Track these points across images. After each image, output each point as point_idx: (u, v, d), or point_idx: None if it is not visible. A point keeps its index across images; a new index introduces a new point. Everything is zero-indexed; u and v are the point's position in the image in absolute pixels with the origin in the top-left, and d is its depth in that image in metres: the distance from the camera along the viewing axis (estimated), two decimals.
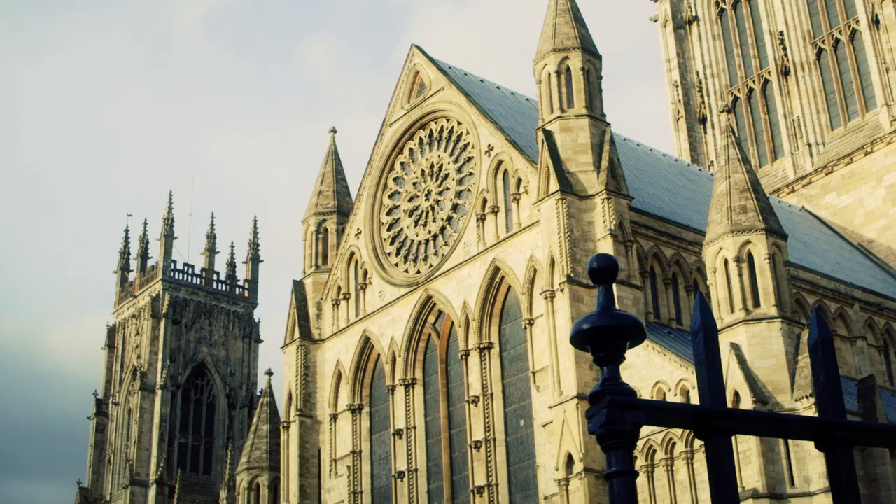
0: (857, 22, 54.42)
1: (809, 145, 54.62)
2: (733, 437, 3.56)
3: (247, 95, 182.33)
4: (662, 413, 3.54)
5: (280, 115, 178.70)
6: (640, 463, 33.50)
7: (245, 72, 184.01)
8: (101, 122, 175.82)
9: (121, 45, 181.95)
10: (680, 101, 60.37)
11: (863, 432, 3.53)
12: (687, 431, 32.72)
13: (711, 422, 3.41)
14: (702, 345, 3.51)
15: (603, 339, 3.52)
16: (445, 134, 43.75)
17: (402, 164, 45.30)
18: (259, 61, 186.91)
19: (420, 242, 43.40)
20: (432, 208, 43.26)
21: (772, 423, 3.82)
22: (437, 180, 43.44)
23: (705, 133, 59.58)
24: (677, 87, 60.70)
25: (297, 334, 45.55)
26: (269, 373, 50.46)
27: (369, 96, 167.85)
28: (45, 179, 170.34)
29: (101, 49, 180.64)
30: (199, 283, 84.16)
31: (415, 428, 41.22)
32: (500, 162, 40.65)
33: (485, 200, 40.69)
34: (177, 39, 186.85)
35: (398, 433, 41.49)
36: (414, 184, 44.43)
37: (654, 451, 33.44)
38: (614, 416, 3.37)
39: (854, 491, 3.41)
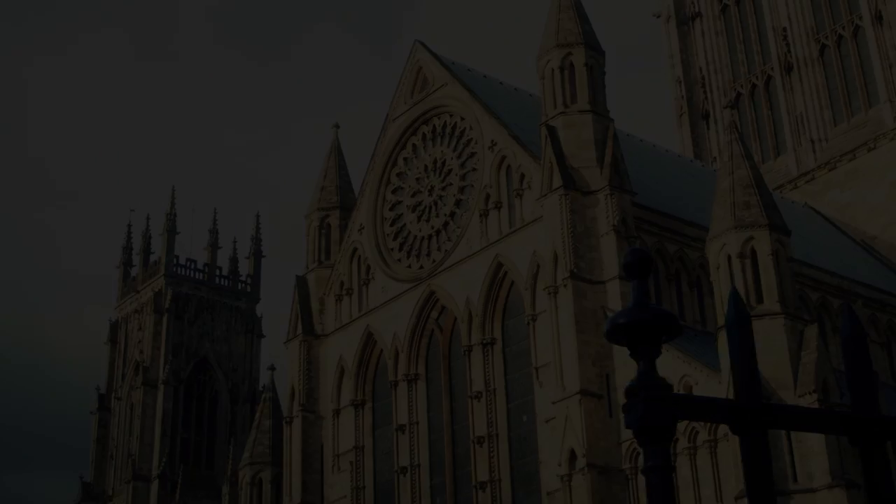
0: (861, 18, 54.34)
1: (812, 141, 54.53)
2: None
3: (249, 89, 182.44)
4: (698, 407, 3.54)
5: (283, 109, 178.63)
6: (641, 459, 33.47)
7: (248, 66, 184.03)
8: (103, 117, 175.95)
9: (123, 39, 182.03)
10: (683, 97, 60.29)
11: None
12: (690, 427, 32.73)
13: (747, 416, 3.41)
14: (736, 339, 3.51)
15: (640, 333, 3.52)
16: (448, 129, 43.70)
17: (405, 159, 45.26)
18: (262, 55, 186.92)
19: (423, 238, 43.36)
20: (435, 204, 43.23)
21: (807, 418, 3.82)
22: (440, 176, 43.41)
23: (708, 129, 59.47)
24: (680, 83, 60.61)
25: (299, 329, 45.52)
26: (272, 368, 50.39)
27: (372, 90, 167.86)
28: (48, 173, 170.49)
29: (104, 43, 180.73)
30: (201, 278, 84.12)
31: (417, 423, 41.20)
32: (504, 157, 40.60)
33: (488, 196, 40.66)
34: (179, 34, 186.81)
35: (401, 428, 41.47)
36: (417, 179, 44.39)
37: None
38: (651, 410, 3.37)
39: (889, 486, 3.40)
